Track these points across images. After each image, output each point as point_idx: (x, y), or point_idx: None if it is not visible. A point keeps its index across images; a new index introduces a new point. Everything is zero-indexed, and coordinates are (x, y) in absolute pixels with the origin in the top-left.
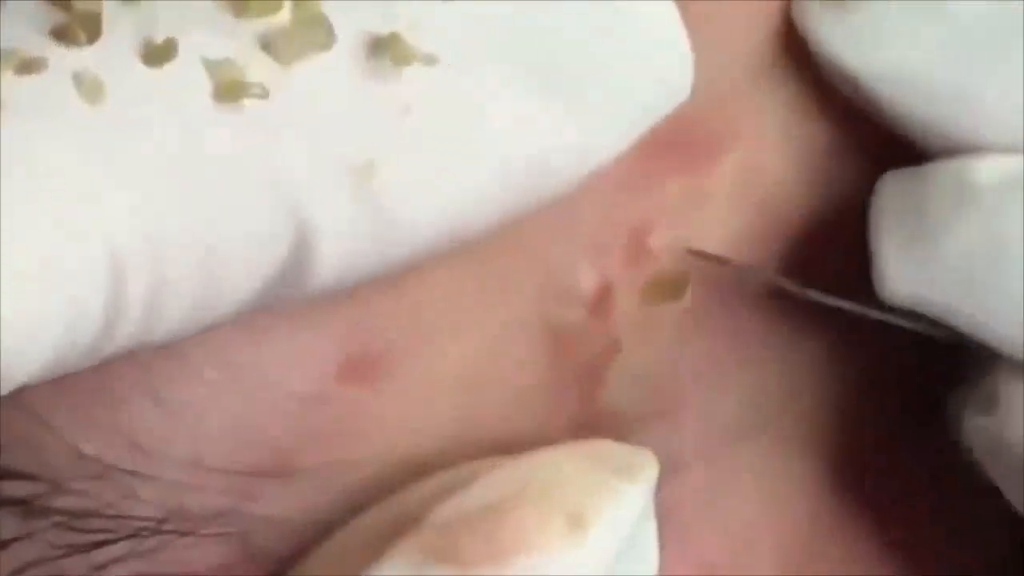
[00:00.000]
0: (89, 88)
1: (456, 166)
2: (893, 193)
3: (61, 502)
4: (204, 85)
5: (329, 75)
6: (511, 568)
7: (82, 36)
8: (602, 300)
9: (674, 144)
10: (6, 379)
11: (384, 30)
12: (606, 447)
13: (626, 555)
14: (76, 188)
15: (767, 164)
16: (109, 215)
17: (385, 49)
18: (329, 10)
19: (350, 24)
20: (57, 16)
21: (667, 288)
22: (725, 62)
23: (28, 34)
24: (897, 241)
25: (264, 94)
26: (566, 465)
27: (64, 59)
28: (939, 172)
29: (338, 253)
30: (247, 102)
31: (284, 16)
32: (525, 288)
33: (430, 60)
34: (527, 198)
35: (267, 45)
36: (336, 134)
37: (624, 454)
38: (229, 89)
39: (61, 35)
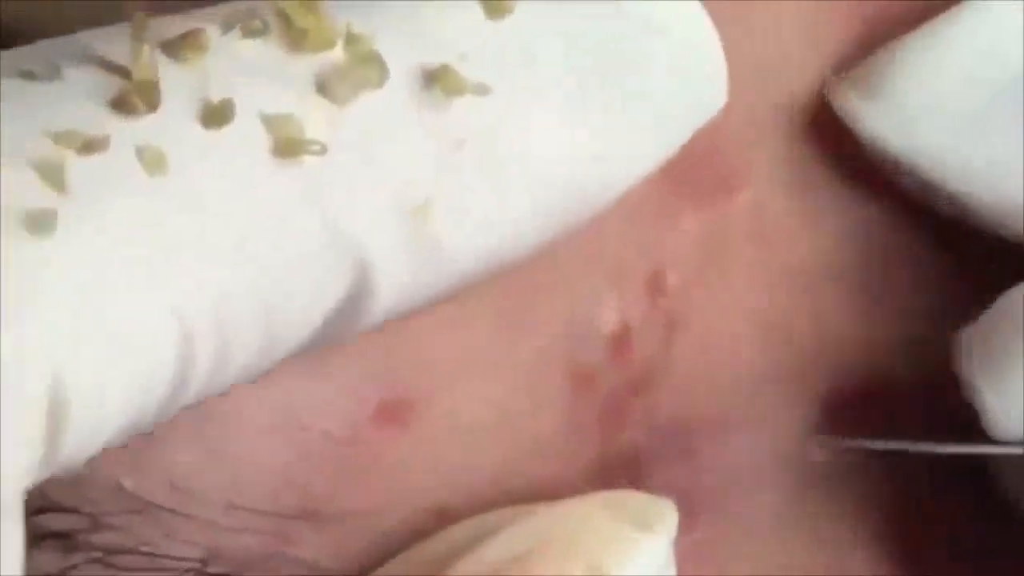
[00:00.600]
0: (151, 161)
1: (505, 196)
2: (975, 340)
3: (100, 538)
4: (263, 141)
5: (384, 113)
6: None
7: (141, 106)
8: (622, 339)
9: (692, 181)
10: (82, 450)
11: (435, 62)
12: (626, 497)
13: None
14: (144, 261)
15: (775, 202)
16: (177, 285)
17: (436, 81)
18: (380, 46)
19: (401, 58)
20: (115, 85)
21: None
22: (747, 101)
23: (88, 109)
24: (994, 387)
25: (322, 150)
26: (587, 517)
27: (125, 132)
28: (1004, 304)
29: (395, 290)
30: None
31: (338, 55)
32: (548, 327)
33: (482, 90)
34: (570, 219)
35: (322, 86)
36: (394, 174)
37: (644, 504)
38: (287, 146)
39: (121, 106)
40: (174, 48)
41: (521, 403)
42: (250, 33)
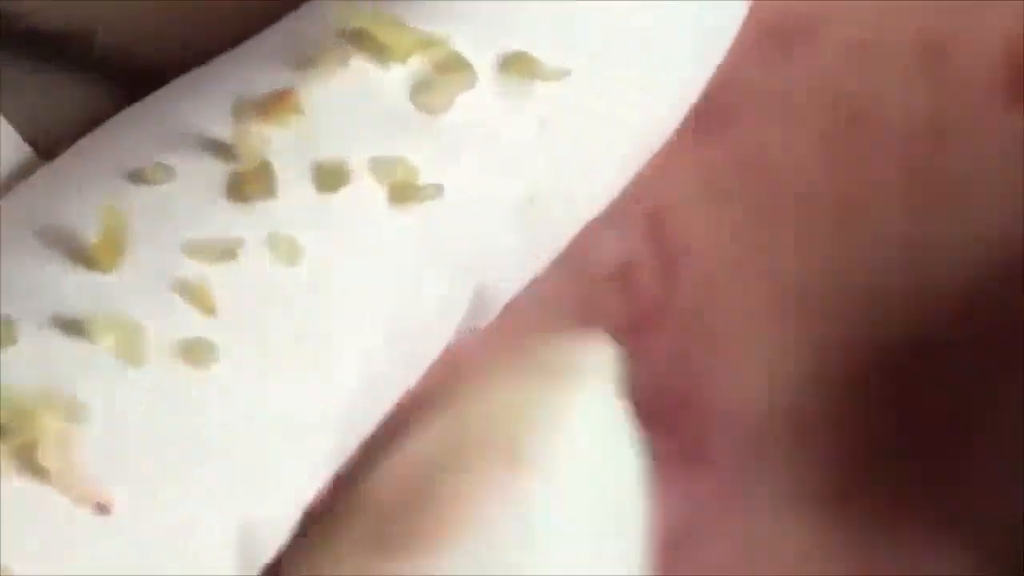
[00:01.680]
0: (286, 252)
1: (594, 165)
2: None
3: None
4: (381, 194)
5: (477, 112)
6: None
7: (260, 193)
8: (624, 277)
9: (689, 117)
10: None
11: (510, 48)
12: (543, 351)
13: (603, 456)
14: (308, 358)
15: (768, 140)
16: (331, 371)
17: (516, 68)
18: (457, 41)
19: (479, 50)
20: (226, 170)
21: None
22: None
23: (211, 211)
24: None
25: (437, 193)
26: (497, 400)
27: (251, 224)
28: None
29: (515, 281)
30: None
31: (422, 63)
32: (553, 267)
33: (562, 73)
34: (641, 164)
35: (417, 100)
36: (499, 171)
37: (564, 353)
38: (403, 194)
39: (239, 196)
40: (270, 112)
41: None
42: (333, 69)
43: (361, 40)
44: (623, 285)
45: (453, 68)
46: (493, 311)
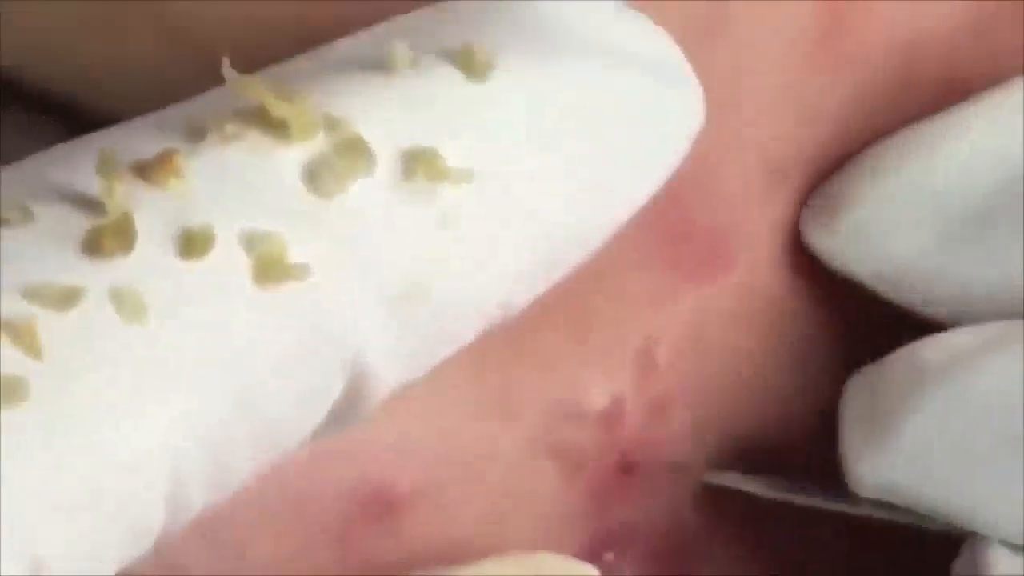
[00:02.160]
0: (130, 308)
1: (500, 265)
2: (858, 386)
3: None
4: (245, 266)
5: (370, 200)
6: None
7: (116, 249)
8: (612, 418)
9: (682, 257)
10: None
11: (417, 142)
12: (543, 561)
13: None
14: (131, 411)
15: (764, 282)
16: (166, 431)
17: (420, 163)
18: (361, 125)
19: (383, 138)
20: (87, 223)
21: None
22: (739, 173)
23: (60, 257)
24: (861, 433)
25: (306, 273)
26: None
27: (99, 277)
28: (894, 360)
29: (391, 378)
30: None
31: (319, 144)
32: (531, 414)
33: (465, 176)
34: (566, 268)
35: (308, 181)
36: (383, 262)
37: (566, 567)
38: (270, 272)
39: (93, 249)
40: (148, 173)
41: (509, 494)
42: (225, 141)
43: (261, 115)
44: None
45: (353, 152)
46: (364, 410)
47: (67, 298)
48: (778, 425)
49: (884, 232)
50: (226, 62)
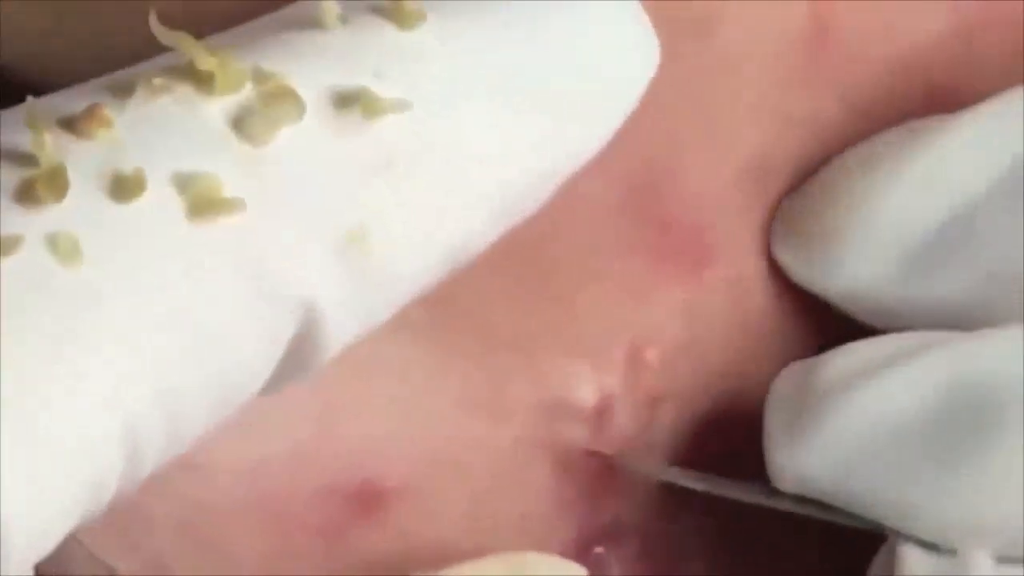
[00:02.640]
0: (65, 251)
1: (447, 208)
2: (785, 382)
3: None
4: (178, 205)
5: (304, 145)
6: None
7: (49, 197)
8: (603, 415)
9: (669, 255)
10: (34, 555)
11: (350, 84)
12: (529, 561)
13: None
14: (76, 362)
15: (749, 283)
16: (115, 382)
17: (354, 103)
18: (292, 79)
19: (315, 87)
20: (21, 174)
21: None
22: (719, 173)
23: None
24: (783, 429)
25: (241, 206)
26: None
27: (35, 224)
28: (822, 360)
29: (343, 323)
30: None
31: (249, 95)
32: (523, 412)
33: (402, 106)
34: (517, 215)
35: (238, 129)
36: (322, 206)
37: (553, 566)
38: (204, 207)
39: (27, 198)
40: (76, 125)
41: (497, 490)
42: (154, 94)
43: (188, 69)
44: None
45: (280, 100)
46: (318, 358)
47: (6, 247)
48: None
49: (846, 253)
50: (153, 16)
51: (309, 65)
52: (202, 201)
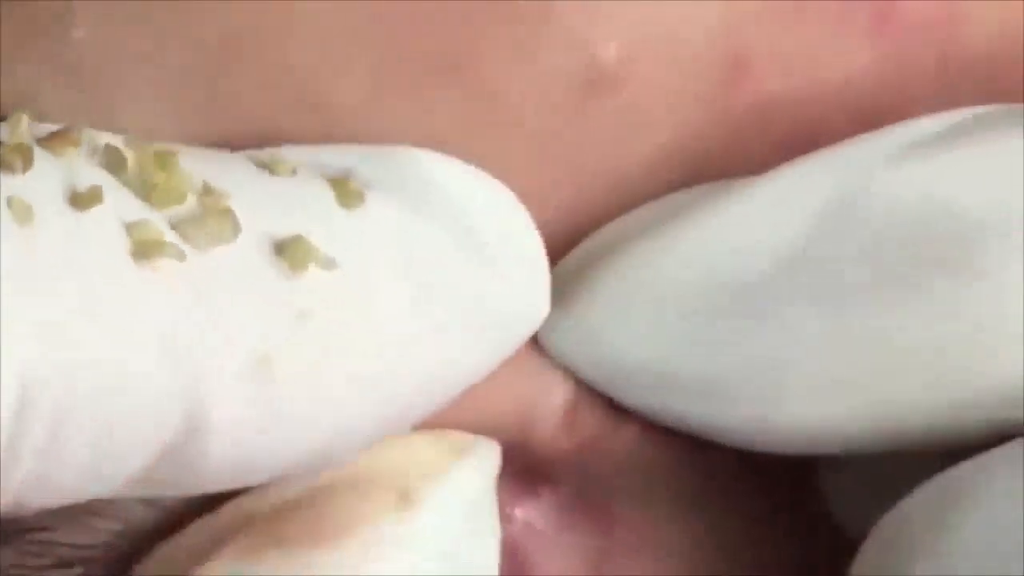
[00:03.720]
0: (19, 210)
1: (348, 373)
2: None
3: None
4: (123, 241)
5: (236, 266)
6: (339, 547)
7: (17, 162)
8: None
9: None
10: None
11: (286, 227)
12: (447, 434)
13: (464, 538)
14: (7, 308)
15: None
16: (23, 335)
17: (285, 250)
18: (234, 204)
19: (255, 222)
20: None
21: None
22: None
23: None
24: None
25: (181, 257)
26: (403, 447)
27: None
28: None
29: (229, 435)
30: (164, 264)
31: (191, 205)
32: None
33: (329, 264)
34: (410, 412)
35: (176, 229)
36: (238, 322)
37: (465, 439)
38: (147, 247)
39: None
40: (48, 141)
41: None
42: (109, 165)
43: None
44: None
45: (220, 216)
46: (209, 455)
47: None
48: None
49: (608, 321)
50: None
51: (254, 199)
52: (147, 242)
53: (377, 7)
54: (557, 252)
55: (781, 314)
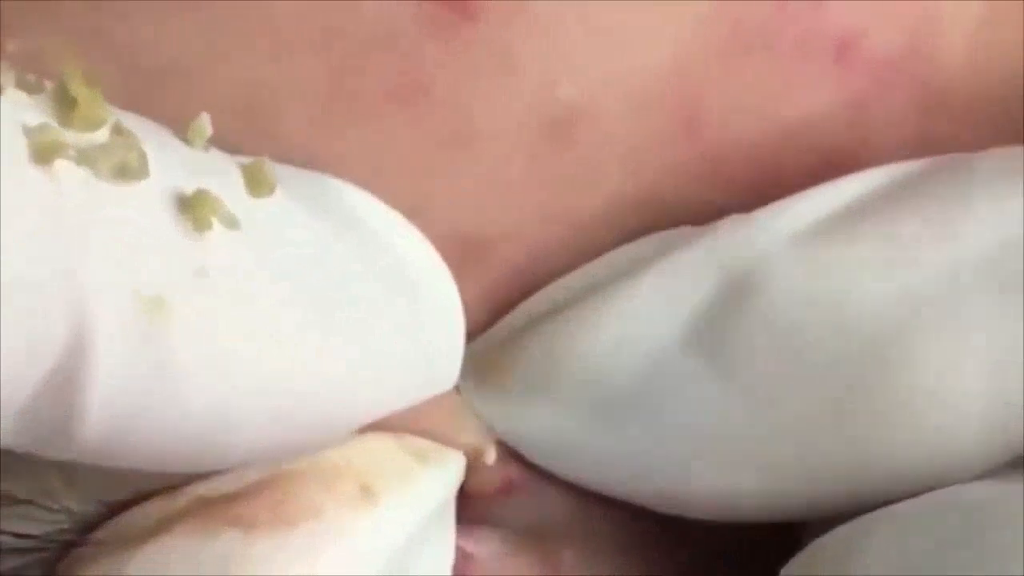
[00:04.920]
0: None
1: (241, 345)
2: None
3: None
4: (22, 147)
5: (140, 208)
6: (294, 532)
7: None
8: None
9: None
10: None
11: (194, 184)
12: (416, 441)
13: (419, 546)
14: None
15: None
16: None
17: (190, 209)
18: (146, 146)
19: (163, 177)
20: None
21: None
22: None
23: None
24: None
25: (76, 157)
26: (369, 445)
27: None
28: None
29: (111, 374)
30: (63, 172)
31: (104, 135)
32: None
33: (232, 223)
34: (303, 418)
35: (84, 157)
36: (135, 261)
37: (432, 448)
38: (46, 149)
39: None
40: None
41: None
42: (26, 86)
43: (59, 88)
44: None
45: (130, 150)
46: (87, 394)
47: None
48: None
49: (530, 396)
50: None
51: (165, 153)
52: (47, 144)
53: (332, 30)
54: (513, 297)
55: (685, 390)
